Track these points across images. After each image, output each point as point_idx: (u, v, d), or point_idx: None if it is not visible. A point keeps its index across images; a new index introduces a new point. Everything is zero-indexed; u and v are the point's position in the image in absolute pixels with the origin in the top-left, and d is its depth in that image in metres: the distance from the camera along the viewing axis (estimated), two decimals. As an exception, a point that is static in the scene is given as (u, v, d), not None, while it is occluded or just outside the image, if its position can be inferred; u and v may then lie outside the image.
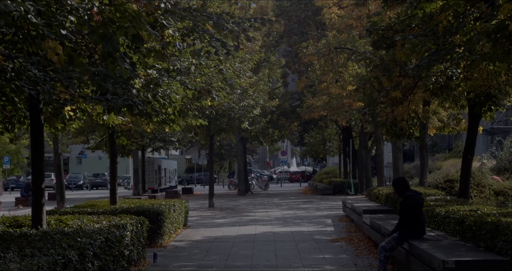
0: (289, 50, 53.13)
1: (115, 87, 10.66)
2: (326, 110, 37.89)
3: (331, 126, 55.11)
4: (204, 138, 37.77)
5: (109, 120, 14.58)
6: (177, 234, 20.30)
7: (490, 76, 13.58)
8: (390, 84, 18.87)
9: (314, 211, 29.74)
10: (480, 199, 21.49)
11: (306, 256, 15.39)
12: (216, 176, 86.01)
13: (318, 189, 48.50)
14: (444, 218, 13.19)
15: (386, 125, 19.97)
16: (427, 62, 11.67)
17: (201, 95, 19.48)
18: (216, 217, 27.35)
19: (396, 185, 12.44)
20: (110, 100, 10.74)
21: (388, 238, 11.90)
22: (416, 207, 11.84)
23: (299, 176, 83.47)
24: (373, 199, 24.12)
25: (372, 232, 16.34)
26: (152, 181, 51.51)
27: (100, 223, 12.83)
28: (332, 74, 31.56)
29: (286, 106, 50.17)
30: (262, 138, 53.08)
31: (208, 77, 19.26)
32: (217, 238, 19.62)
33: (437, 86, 14.35)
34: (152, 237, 17.28)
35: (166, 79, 15.91)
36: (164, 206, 18.33)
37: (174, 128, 20.12)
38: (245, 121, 31.41)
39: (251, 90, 31.72)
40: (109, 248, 11.15)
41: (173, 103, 16.64)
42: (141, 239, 14.21)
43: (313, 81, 40.51)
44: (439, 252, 9.78)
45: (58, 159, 32.14)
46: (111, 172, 20.04)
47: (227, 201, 39.91)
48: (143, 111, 12.85)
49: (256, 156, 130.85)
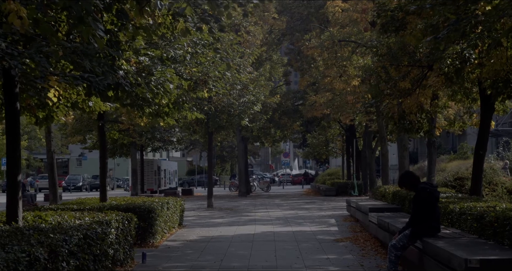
0: (292, 48, 51.97)
1: (93, 65, 9.48)
2: (329, 108, 36.74)
3: (334, 127, 54.17)
4: (203, 136, 36.63)
5: (95, 106, 13.41)
6: (171, 234, 19.16)
7: (510, 60, 12.40)
8: (398, 74, 17.76)
9: (316, 211, 28.60)
10: (492, 197, 20.28)
11: (308, 257, 14.25)
12: (217, 178, 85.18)
13: (321, 190, 47.80)
14: (459, 215, 12.03)
15: (394, 118, 18.79)
16: (446, 33, 10.48)
17: (197, 86, 18.36)
18: (214, 217, 26.23)
19: (405, 179, 11.19)
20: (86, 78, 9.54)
21: (399, 236, 10.72)
22: (431, 201, 10.63)
23: (301, 178, 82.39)
24: (378, 198, 22.97)
25: (379, 231, 15.14)
26: (151, 182, 50.53)
27: (82, 219, 11.65)
28: (336, 68, 30.35)
29: (288, 105, 49.12)
30: (264, 138, 52.06)
31: (204, 67, 18.14)
32: (213, 237, 18.48)
33: (452, 69, 13.15)
34: (143, 236, 16.18)
35: (159, 67, 14.89)
36: (157, 204, 17.18)
37: (168, 122, 19.06)
38: (245, 118, 30.32)
39: (251, 86, 30.60)
40: (89, 246, 10.02)
41: (167, 94, 15.63)
42: (129, 238, 13.06)
43: (316, 78, 39.37)
44: (460, 250, 8.62)
45: (51, 157, 30.92)
46: (101, 167, 18.90)
47: (227, 202, 38.85)
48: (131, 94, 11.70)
49: (259, 158, 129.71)
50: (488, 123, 18.06)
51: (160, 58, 15.66)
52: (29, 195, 36.35)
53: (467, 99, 19.25)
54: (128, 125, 38.06)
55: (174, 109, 18.12)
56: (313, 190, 56.15)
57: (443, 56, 12.77)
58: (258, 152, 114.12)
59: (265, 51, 46.61)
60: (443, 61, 12.98)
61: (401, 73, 17.68)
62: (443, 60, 12.91)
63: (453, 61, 12.81)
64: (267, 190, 55.78)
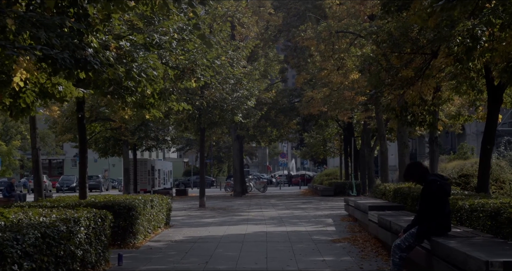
0: (288, 44, 50.73)
1: (50, 37, 8.18)
2: (326, 104, 35.45)
3: (332, 125, 53.05)
4: (195, 133, 35.33)
5: (65, 91, 12.08)
6: (156, 234, 17.86)
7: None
8: (400, 62, 16.49)
9: (313, 211, 27.34)
10: (499, 195, 18.99)
11: (303, 259, 12.97)
12: (214, 179, 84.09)
13: (318, 190, 47.07)
14: (470, 212, 10.77)
15: (396, 110, 17.48)
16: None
17: (184, 74, 17.07)
18: (204, 217, 24.98)
19: (412, 170, 9.81)
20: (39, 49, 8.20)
21: (404, 235, 9.42)
22: (441, 196, 9.30)
23: (299, 178, 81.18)
24: (378, 196, 21.71)
25: (380, 231, 13.83)
26: (144, 182, 49.48)
27: (48, 216, 10.33)
28: (333, 61, 29.05)
29: (285, 102, 47.87)
30: (260, 137, 50.89)
31: (192, 54, 16.85)
32: (201, 238, 17.18)
33: (462, 49, 11.84)
34: (123, 236, 14.92)
35: (142, 53, 13.67)
36: (139, 201, 15.88)
37: (154, 115, 17.82)
38: (238, 114, 29.04)
39: (245, 80, 29.31)
40: (49, 246, 8.74)
41: (151, 82, 14.43)
42: (103, 237, 11.75)
43: (313, 74, 38.13)
44: (477, 252, 7.33)
45: (36, 154, 29.61)
46: (81, 162, 17.64)
47: (221, 202, 37.65)
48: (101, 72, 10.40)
49: (256, 159, 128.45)
50: (496, 115, 16.86)
51: (144, 45, 14.46)
52: (17, 195, 35.15)
53: (472, 91, 18.01)
54: (119, 123, 37.16)
55: (159, 100, 16.91)
56: (311, 190, 55.42)
57: (453, 33, 11.46)
58: (255, 153, 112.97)
59: (261, 48, 45.44)
60: (452, 40, 11.66)
61: (403, 62, 16.42)
62: (453, 38, 11.60)
63: (463, 39, 11.52)
64: (263, 190, 54.71)
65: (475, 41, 11.41)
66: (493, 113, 16.79)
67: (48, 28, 8.44)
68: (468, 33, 11.39)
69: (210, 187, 74.25)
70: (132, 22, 15.17)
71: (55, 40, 8.33)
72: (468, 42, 11.33)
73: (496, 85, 16.48)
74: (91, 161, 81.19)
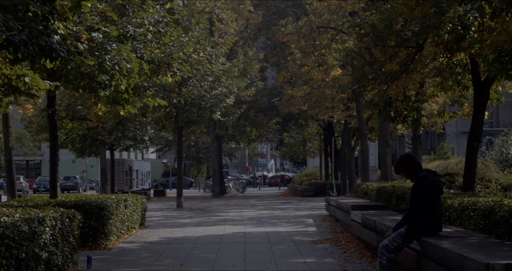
0: (268, 43, 50.13)
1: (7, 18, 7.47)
2: (306, 103, 34.82)
3: (312, 125, 52.51)
4: (173, 132, 34.57)
5: (32, 83, 11.31)
6: (130, 235, 17.13)
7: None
8: (384, 56, 15.87)
9: (293, 211, 26.71)
10: (485, 194, 18.44)
11: (283, 260, 12.32)
12: (193, 180, 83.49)
13: (298, 191, 46.71)
14: (461, 211, 10.16)
15: (379, 106, 16.86)
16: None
17: (160, 69, 16.37)
18: (181, 217, 24.28)
19: (404, 162, 9.21)
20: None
21: (392, 235, 8.79)
22: (434, 193, 8.68)
23: (278, 179, 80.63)
24: (361, 196, 21.12)
25: (363, 231, 13.19)
26: (121, 182, 48.81)
27: (11, 216, 9.59)
28: (314, 57, 28.41)
29: (264, 101, 47.21)
30: (239, 137, 50.25)
31: (168, 48, 16.16)
32: (176, 239, 16.47)
33: (453, 37, 11.20)
34: (94, 237, 14.22)
35: (115, 45, 13.00)
36: (112, 201, 15.15)
37: (129, 111, 17.13)
38: (217, 112, 28.34)
39: (224, 78, 28.63)
40: (8, 248, 8.04)
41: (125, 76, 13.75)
42: (71, 238, 11.02)
43: (293, 72, 37.51)
44: (475, 253, 6.69)
45: (9, 153, 28.78)
46: (51, 160, 16.85)
47: (199, 202, 36.95)
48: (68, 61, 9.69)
49: (235, 160, 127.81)
50: (482, 111, 16.27)
51: (118, 37, 13.79)
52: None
53: (458, 87, 17.46)
54: (96, 122, 36.49)
55: (134, 96, 16.21)
56: (290, 190, 55.09)
57: (443, 20, 10.83)
58: (234, 154, 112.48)
59: (241, 46, 44.83)
60: (442, 27, 11.04)
61: (387, 55, 15.80)
62: (443, 25, 10.97)
63: (454, 27, 10.89)
64: (242, 191, 54.13)
65: (466, 29, 10.80)
66: (480, 110, 16.21)
67: (6, 10, 7.73)
68: (459, 20, 10.78)
69: (189, 188, 73.57)
70: (105, 14, 14.52)
71: (13, 23, 7.61)
72: (459, 30, 10.73)
73: (483, 81, 15.91)
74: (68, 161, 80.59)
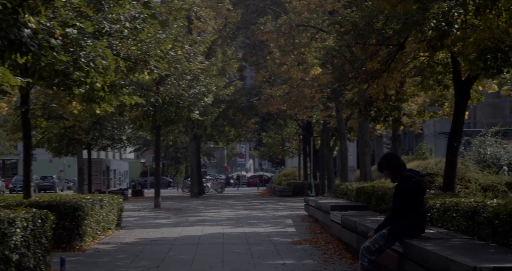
0: (247, 42, 49.86)
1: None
2: (285, 102, 34.61)
3: (291, 125, 52.38)
4: (150, 131, 34.19)
5: (2, 79, 10.96)
6: (105, 236, 16.79)
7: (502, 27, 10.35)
8: (365, 54, 15.67)
9: (272, 211, 26.45)
10: (465, 194, 18.29)
11: (262, 262, 12.06)
12: (171, 180, 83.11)
13: (277, 191, 46.61)
14: (443, 212, 9.94)
15: (360, 105, 16.65)
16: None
17: (136, 66, 16.04)
18: (159, 217, 23.95)
19: (388, 160, 8.97)
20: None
21: (374, 236, 8.55)
22: (417, 194, 8.46)
23: (256, 179, 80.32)
24: (340, 196, 20.90)
25: (343, 232, 12.96)
26: (99, 182, 48.32)
27: (-20, 217, 9.24)
28: (294, 55, 28.18)
29: (243, 101, 46.93)
30: (218, 136, 49.94)
31: (144, 45, 15.83)
32: (153, 240, 16.15)
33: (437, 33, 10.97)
34: (68, 238, 13.87)
35: (90, 41, 12.69)
36: (87, 201, 14.80)
37: (105, 109, 16.81)
38: (195, 111, 28.02)
39: (202, 76, 28.31)
40: (-25, 250, 7.70)
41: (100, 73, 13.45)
42: (43, 240, 10.66)
43: (272, 72, 37.30)
44: (460, 255, 6.46)
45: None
46: (25, 159, 16.45)
47: (177, 202, 36.61)
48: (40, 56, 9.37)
49: (214, 160, 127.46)
50: (462, 111, 16.13)
51: (93, 33, 13.47)
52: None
53: (438, 87, 17.32)
54: (73, 121, 36.06)
55: (110, 94, 15.87)
56: (269, 190, 54.87)
57: (427, 16, 10.62)
58: (213, 154, 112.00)
59: (219, 45, 44.51)
60: (426, 23, 10.82)
61: (368, 54, 15.61)
62: (427, 21, 10.76)
63: (438, 23, 10.67)
64: (221, 191, 53.88)
65: (450, 26, 10.59)
66: (460, 109, 16.07)
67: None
68: (444, 17, 10.57)
69: (168, 188, 73.15)
70: (80, 9, 14.21)
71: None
72: (444, 26, 10.51)
73: (464, 80, 15.78)
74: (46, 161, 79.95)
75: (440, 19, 10.63)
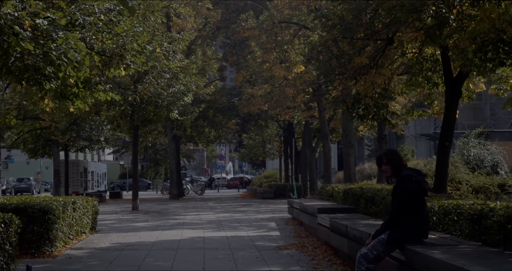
0: (227, 42, 49.06)
1: None
2: (267, 102, 33.82)
3: (272, 126, 51.68)
4: (128, 131, 33.25)
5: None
6: (79, 240, 15.85)
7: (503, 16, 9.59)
8: (352, 49, 14.89)
9: (254, 214, 25.61)
10: (457, 196, 17.56)
11: (246, 269, 11.23)
12: (151, 182, 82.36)
13: (258, 193, 45.89)
14: (443, 215, 9.16)
15: (347, 102, 15.85)
16: None
17: (112, 61, 15.15)
18: (136, 221, 23.04)
19: (391, 156, 8.03)
20: None
21: (372, 242, 7.74)
22: (419, 194, 7.66)
23: (237, 181, 79.58)
24: (325, 198, 20.10)
25: (333, 236, 12.15)
26: (76, 184, 47.57)
27: None
28: (276, 53, 27.39)
29: (224, 101, 46.08)
30: (198, 138, 49.11)
31: (120, 38, 14.95)
32: (129, 244, 15.25)
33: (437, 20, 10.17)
34: (38, 243, 12.94)
35: (62, 33, 11.84)
36: (58, 203, 13.88)
37: (79, 107, 15.92)
38: (174, 110, 27.15)
39: (181, 75, 27.45)
40: None
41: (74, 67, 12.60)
42: (7, 246, 9.77)
43: (253, 72, 36.50)
44: (476, 265, 5.68)
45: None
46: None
47: (156, 205, 35.67)
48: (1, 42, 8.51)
49: (194, 162, 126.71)
50: (454, 109, 15.42)
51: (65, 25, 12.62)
52: None
53: (427, 84, 16.58)
54: (49, 122, 35.24)
55: (84, 90, 14.98)
56: (250, 193, 54.29)
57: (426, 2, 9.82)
58: (193, 155, 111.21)
59: (199, 45, 43.71)
60: (425, 10, 10.01)
61: (355, 48, 14.83)
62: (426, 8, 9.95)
63: (438, 9, 9.87)
64: (201, 193, 53.07)
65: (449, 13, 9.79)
66: (451, 108, 15.36)
67: None
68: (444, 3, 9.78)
69: (147, 190, 72.27)
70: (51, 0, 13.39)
71: None
72: (444, 13, 9.72)
73: (455, 77, 15.05)
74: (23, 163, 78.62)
75: (440, 6, 9.84)
